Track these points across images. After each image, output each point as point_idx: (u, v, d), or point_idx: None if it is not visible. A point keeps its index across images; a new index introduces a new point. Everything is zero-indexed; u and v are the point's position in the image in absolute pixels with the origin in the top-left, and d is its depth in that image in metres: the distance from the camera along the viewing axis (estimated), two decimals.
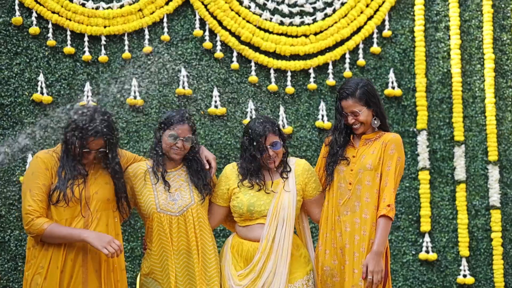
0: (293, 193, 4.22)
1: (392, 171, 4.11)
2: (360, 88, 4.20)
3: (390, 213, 4.06)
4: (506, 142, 6.93)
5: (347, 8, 6.82)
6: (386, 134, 4.24)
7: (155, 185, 4.19)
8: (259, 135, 4.16)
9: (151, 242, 4.19)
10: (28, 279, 3.95)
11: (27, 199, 3.91)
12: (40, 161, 3.99)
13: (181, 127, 4.16)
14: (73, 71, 6.30)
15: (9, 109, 6.15)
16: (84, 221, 3.97)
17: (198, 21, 6.55)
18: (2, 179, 6.10)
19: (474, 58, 6.99)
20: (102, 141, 3.98)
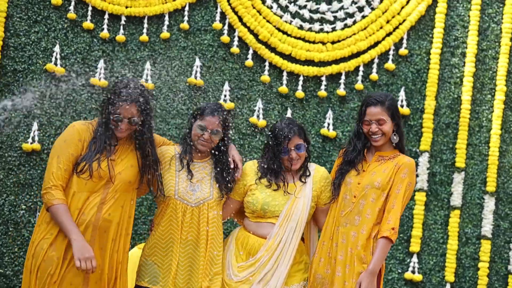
0: (308, 199, 4.26)
1: (401, 195, 4.11)
2: (389, 100, 4.23)
3: (393, 236, 4.08)
4: (506, 175, 6.95)
5: (367, 22, 6.84)
6: (401, 156, 4.23)
7: (178, 172, 4.20)
8: (285, 136, 4.21)
9: (159, 225, 4.19)
10: (35, 242, 3.97)
11: (54, 165, 3.94)
12: (75, 131, 4.02)
13: (210, 119, 4.17)
14: (89, 46, 6.33)
15: (22, 75, 6.19)
16: (102, 198, 4.00)
17: (219, 14, 6.58)
18: (5, 143, 6.13)
19: (486, 88, 7.01)
20: (135, 109, 4.00)
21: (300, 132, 4.26)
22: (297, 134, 4.24)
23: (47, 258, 3.90)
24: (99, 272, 3.99)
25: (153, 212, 6.30)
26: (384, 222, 4.11)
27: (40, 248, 3.94)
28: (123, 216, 4.06)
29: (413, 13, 6.90)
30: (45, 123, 6.18)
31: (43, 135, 6.18)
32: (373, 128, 4.20)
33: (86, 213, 3.96)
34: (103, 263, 4.00)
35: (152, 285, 4.16)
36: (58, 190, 3.92)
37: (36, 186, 6.13)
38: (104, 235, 4.00)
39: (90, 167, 3.96)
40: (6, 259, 6.06)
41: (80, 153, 4.00)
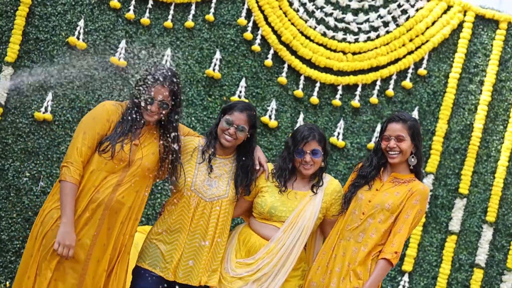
0: (317, 209, 4.24)
1: (410, 220, 4.10)
2: (412, 121, 4.22)
3: (394, 260, 4.08)
4: (508, 207, 6.96)
5: (390, 37, 6.85)
6: (416, 182, 4.21)
7: (198, 164, 4.20)
8: (303, 138, 4.21)
9: (170, 213, 4.20)
10: (46, 210, 4.00)
11: (79, 140, 3.97)
12: (104, 110, 4.04)
13: (238, 115, 4.17)
14: (113, 25, 6.36)
15: (43, 44, 6.23)
16: (119, 180, 4.02)
17: (245, 11, 6.60)
18: (18, 109, 6.16)
19: (499, 118, 7.01)
20: (167, 93, 4.03)
21: (320, 139, 4.25)
22: (316, 140, 4.23)
23: (55, 227, 3.92)
24: (103, 251, 4.01)
25: (154, 196, 6.33)
26: (388, 244, 4.10)
27: (50, 217, 3.96)
28: (136, 201, 4.07)
29: (437, 35, 6.91)
30: (60, 95, 6.22)
31: (56, 106, 6.22)
32: (391, 143, 4.18)
33: (101, 192, 3.98)
34: (108, 243, 4.02)
35: (152, 268, 4.17)
36: (76, 169, 3.94)
37: (43, 156, 6.18)
38: (114, 216, 4.01)
39: (113, 148, 3.97)
40: (4, 223, 6.10)
41: (106, 132, 4.02)
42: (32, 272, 3.95)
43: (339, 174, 6.65)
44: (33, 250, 3.98)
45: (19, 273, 4.01)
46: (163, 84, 4.02)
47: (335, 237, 4.24)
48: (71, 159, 3.94)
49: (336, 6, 6.80)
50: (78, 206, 3.97)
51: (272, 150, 6.55)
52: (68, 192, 3.93)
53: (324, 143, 4.28)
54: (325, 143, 4.29)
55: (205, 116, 6.48)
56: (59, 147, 6.20)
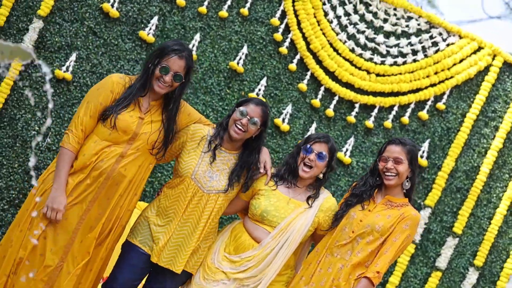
0: (308, 223, 4.26)
1: (397, 244, 4.13)
2: (411, 145, 4.27)
3: (375, 279, 4.11)
4: (497, 255, 6.97)
5: (416, 66, 6.86)
6: (409, 207, 4.25)
7: (203, 153, 4.21)
8: (316, 138, 4.27)
9: (167, 196, 4.23)
10: (50, 170, 4.09)
11: (82, 109, 4.05)
12: (109, 82, 4.10)
13: (254, 107, 4.19)
14: (149, 1, 6.39)
15: (77, 5, 6.24)
16: (122, 152, 4.07)
17: (280, 12, 6.63)
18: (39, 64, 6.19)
19: (507, 167, 7.02)
20: (183, 65, 4.08)
21: (331, 148, 4.28)
22: (327, 145, 4.26)
23: None
24: (97, 219, 4.06)
25: (154, 175, 6.36)
26: (372, 264, 4.13)
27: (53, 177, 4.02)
28: (137, 175, 4.11)
29: (463, 73, 6.92)
30: (83, 57, 6.26)
31: (77, 68, 6.26)
32: (389, 165, 4.22)
33: (105, 160, 4.03)
34: (104, 212, 4.06)
35: (142, 246, 4.21)
36: (76, 137, 4.01)
37: (55, 113, 6.22)
38: (114, 187, 4.06)
39: (114, 117, 4.03)
40: (4, 171, 6.14)
41: (109, 103, 4.07)
42: (25, 226, 4.00)
43: (340, 189, 6.68)
44: (29, 205, 4.03)
45: (13, 224, 4.07)
46: (181, 56, 4.05)
47: (322, 251, 4.27)
48: (73, 127, 4.01)
49: (370, 25, 6.82)
50: (81, 172, 4.02)
51: (279, 153, 6.58)
52: (64, 158, 3.99)
53: (332, 155, 4.30)
54: (334, 156, 4.31)
55: (220, 107, 6.51)
56: (72, 108, 6.24)
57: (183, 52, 4.08)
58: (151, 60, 4.10)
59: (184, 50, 4.09)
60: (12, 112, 6.16)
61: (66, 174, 3.98)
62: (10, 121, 6.15)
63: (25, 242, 3.97)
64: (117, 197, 4.09)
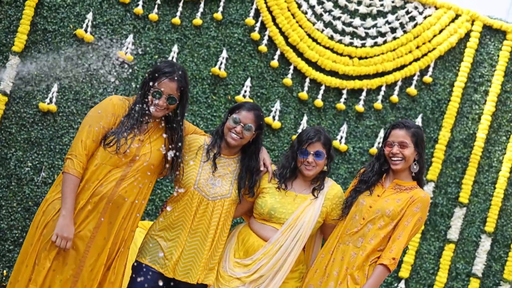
0: (316, 214, 4.24)
1: (410, 228, 4.11)
2: (416, 128, 4.23)
3: (392, 266, 4.09)
4: (507, 217, 6.96)
5: (397, 44, 6.86)
6: (418, 189, 4.22)
7: (203, 163, 4.20)
8: (308, 139, 4.22)
9: (173, 210, 4.20)
10: (49, 200, 4.02)
11: (84, 133, 3.98)
12: (110, 104, 4.05)
13: (246, 113, 4.17)
14: (122, 19, 6.37)
15: (51, 36, 6.24)
16: (122, 175, 4.03)
17: (253, 11, 6.61)
18: (23, 99, 6.18)
19: (502, 129, 7.01)
20: (175, 87, 4.04)
21: (325, 142, 4.25)
22: (321, 142, 4.23)
23: (56, 217, 3.94)
24: (103, 244, 4.02)
25: (154, 192, 6.34)
26: (386, 250, 4.11)
27: (53, 207, 3.98)
28: (139, 196, 4.08)
29: (444, 43, 6.91)
30: (65, 86, 6.23)
31: (61, 98, 6.23)
32: (394, 150, 4.18)
33: (105, 185, 3.99)
34: (108, 237, 4.02)
35: (152, 264, 4.18)
36: (80, 162, 3.95)
37: (46, 146, 6.19)
38: (116, 211, 4.02)
39: (118, 142, 3.98)
40: (3, 212, 6.11)
41: (111, 127, 4.03)
42: (31, 261, 3.97)
43: (340, 177, 6.65)
44: (33, 239, 3.99)
45: (18, 261, 4.03)
46: (172, 79, 4.03)
47: (335, 241, 4.25)
48: (75, 152, 3.96)
49: (345, 10, 6.81)
50: (81, 199, 3.98)
51: (275, 151, 6.56)
52: (70, 185, 3.94)
53: (329, 147, 4.27)
54: (330, 147, 4.28)
55: (209, 114, 6.49)
56: (62, 139, 6.21)
57: (174, 73, 4.04)
58: (144, 84, 4.08)
59: (175, 71, 4.06)
60: (3, 152, 6.13)
61: (73, 201, 3.95)
62: (1, 161, 6.12)
63: (34, 276, 3.94)
64: (120, 220, 4.06)
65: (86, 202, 3.98)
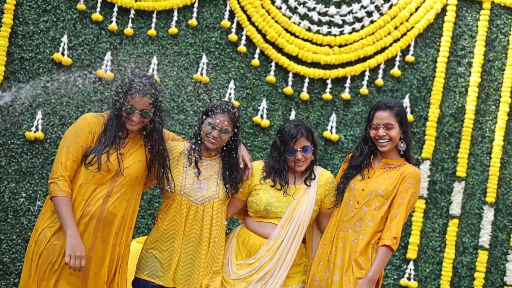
0: (312, 202, 4.26)
1: (405, 204, 4.11)
2: (399, 106, 4.22)
3: (394, 245, 4.08)
4: (506, 186, 6.96)
5: (375, 27, 6.85)
6: (407, 165, 4.22)
7: (186, 168, 4.21)
8: (292, 137, 4.21)
9: (163, 220, 4.20)
10: (39, 229, 3.99)
11: (63, 155, 3.95)
12: (86, 123, 4.03)
13: (221, 117, 4.16)
14: (97, 38, 6.35)
15: (28, 63, 6.20)
16: (108, 191, 4.01)
17: (227, 12, 6.59)
18: (8, 131, 6.14)
19: (491, 98, 7.01)
20: (147, 102, 4.01)
21: (308, 134, 4.26)
22: (304, 136, 4.24)
23: (49, 246, 3.92)
24: (100, 263, 4.00)
25: (152, 206, 6.31)
26: (386, 231, 4.10)
27: (44, 236, 3.95)
28: (128, 210, 4.07)
29: (422, 20, 6.90)
30: (49, 112, 6.20)
31: (46, 124, 6.19)
32: (380, 132, 4.19)
33: (92, 204, 3.97)
34: (104, 255, 4.01)
35: (151, 278, 4.16)
36: (65, 182, 3.93)
37: (37, 175, 6.15)
38: (108, 228, 4.00)
39: (99, 160, 3.96)
40: (4, 246, 6.08)
41: (90, 144, 4.01)
42: None
43: (335, 167, 6.63)
44: (30, 271, 3.96)
45: None
46: (143, 94, 4.00)
47: (333, 230, 4.25)
48: (57, 174, 3.93)
49: (318, 0, 6.79)
50: None
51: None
52: (64, 206, 3.91)
53: (312, 137, 4.30)
54: (313, 136, 4.31)
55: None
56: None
57: (144, 87, 4.01)
58: (117, 100, 4.05)
59: (145, 85, 4.03)
60: None
61: (73, 219, 3.91)
62: None
63: None
64: (113, 237, 4.04)
65: (77, 224, 3.95)
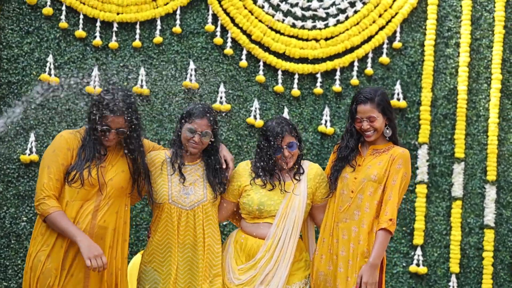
0: (304, 196, 4.25)
1: (397, 186, 4.12)
2: (379, 95, 4.22)
3: (391, 227, 4.08)
4: (506, 163, 6.95)
5: (359, 17, 6.83)
6: (395, 148, 4.24)
7: (170, 176, 4.20)
8: (277, 135, 4.20)
9: (156, 231, 4.19)
10: (32, 255, 3.97)
11: (44, 176, 3.93)
12: (63, 140, 4.00)
13: (200, 121, 4.15)
14: (83, 55, 6.32)
15: (16, 87, 6.18)
16: (95, 205, 3.99)
17: (210, 16, 6.57)
18: (3, 156, 6.12)
19: (482, 77, 7.00)
20: (122, 120, 3.99)
21: (291, 130, 4.25)
22: (288, 132, 4.22)
23: (45, 270, 3.90)
24: (99, 280, 3.99)
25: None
26: (381, 214, 4.11)
27: (38, 261, 3.93)
28: (119, 222, 4.05)
29: (405, 5, 6.89)
30: (42, 133, 6.18)
31: (40, 146, 6.17)
32: (364, 125, 4.21)
33: (81, 221, 3.95)
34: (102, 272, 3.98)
35: None
36: (52, 199, 3.91)
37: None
38: (101, 242, 3.99)
39: (81, 176, 3.95)
40: (10, 272, 6.05)
41: (70, 162, 3.99)
42: None
43: None
44: None
45: None
46: (117, 114, 3.96)
47: (331, 222, 4.24)
48: (43, 196, 3.92)
49: None
50: (62, 242, 3.94)
51: None
52: (62, 219, 3.90)
53: (296, 132, 4.29)
54: (297, 131, 4.30)
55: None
56: None
57: (118, 106, 3.96)
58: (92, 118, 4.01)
59: (119, 104, 3.97)
60: None
61: (75, 226, 3.90)
62: None
63: None
64: (108, 251, 4.02)
65: (69, 243, 3.94)
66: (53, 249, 3.93)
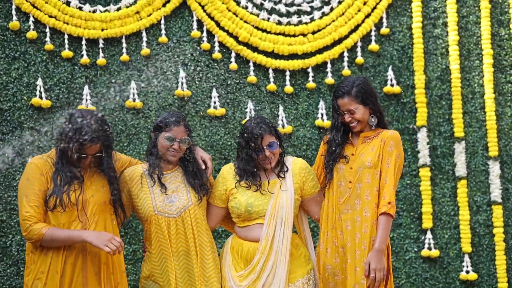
0: (291, 192, 4.22)
1: (392, 168, 4.12)
2: (356, 86, 4.21)
3: (391, 210, 4.07)
4: (506, 137, 6.93)
5: (344, 7, 6.82)
6: (384, 131, 4.25)
7: (151, 188, 4.19)
8: (256, 136, 4.16)
9: (150, 245, 4.19)
10: (28, 284, 3.95)
11: (24, 205, 3.90)
12: (34, 167, 3.97)
13: (177, 128, 4.16)
14: (72, 74, 6.30)
15: (8, 114, 6.15)
16: (82, 225, 3.98)
17: (195, 23, 6.55)
18: (3, 184, 6.10)
19: (473, 54, 6.99)
20: (98, 147, 3.99)
21: (271, 130, 4.22)
22: (268, 132, 4.19)
23: None
24: None
25: None
26: (380, 200, 4.11)
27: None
28: None
29: None
30: None
31: None
32: (346, 118, 4.22)
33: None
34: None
35: None
36: (39, 223, 3.90)
37: None
38: (95, 260, 3.99)
39: (61, 200, 3.93)
40: None
41: (47, 186, 3.97)
42: None
43: None
44: None
45: None
46: (91, 141, 3.94)
47: (332, 214, 4.24)
48: (28, 224, 3.90)
49: None
50: (57, 264, 3.93)
51: None
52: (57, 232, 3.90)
53: (275, 131, 4.26)
54: (276, 130, 4.27)
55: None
56: None
57: (93, 134, 3.92)
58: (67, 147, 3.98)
59: (93, 133, 3.93)
60: (1, 241, 6.04)
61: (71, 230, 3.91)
62: (3, 251, 6.03)
63: None
64: (103, 267, 4.02)
65: (63, 267, 3.94)
66: (49, 275, 3.92)
